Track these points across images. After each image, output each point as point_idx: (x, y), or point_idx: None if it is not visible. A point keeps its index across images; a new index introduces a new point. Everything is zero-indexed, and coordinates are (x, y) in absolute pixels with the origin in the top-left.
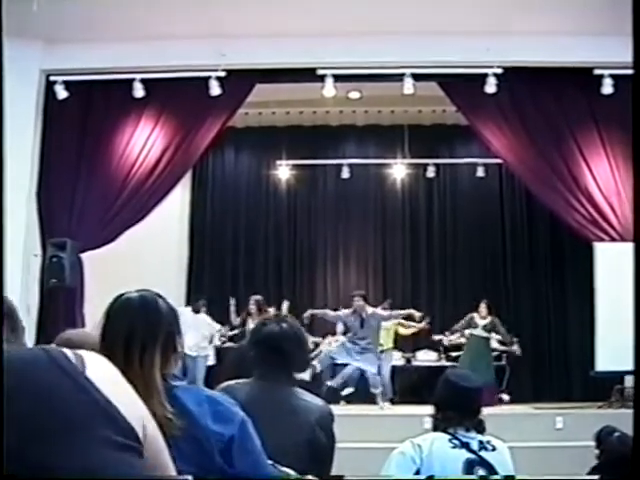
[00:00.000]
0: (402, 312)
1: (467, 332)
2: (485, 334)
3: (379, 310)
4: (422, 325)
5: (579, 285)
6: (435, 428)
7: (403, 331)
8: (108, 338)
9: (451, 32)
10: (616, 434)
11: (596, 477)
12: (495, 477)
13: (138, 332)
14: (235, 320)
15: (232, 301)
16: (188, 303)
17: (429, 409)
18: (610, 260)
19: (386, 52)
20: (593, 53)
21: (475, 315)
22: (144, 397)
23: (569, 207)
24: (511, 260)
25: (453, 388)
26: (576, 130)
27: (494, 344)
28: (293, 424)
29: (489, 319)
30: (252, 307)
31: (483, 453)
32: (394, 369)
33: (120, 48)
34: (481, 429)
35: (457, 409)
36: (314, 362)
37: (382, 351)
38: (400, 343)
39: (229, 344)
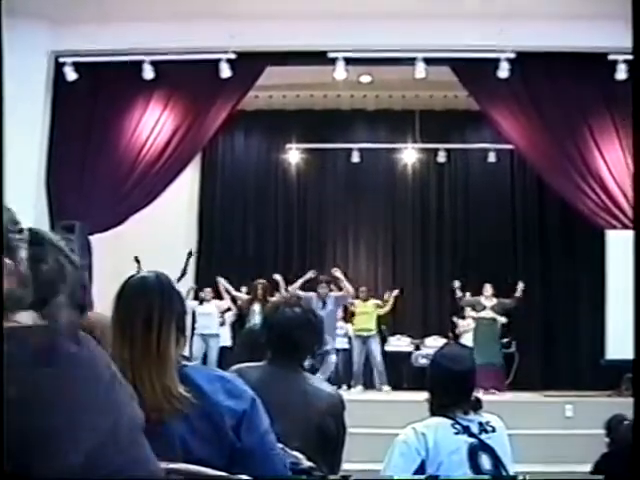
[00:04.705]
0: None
1: (475, 314)
2: (492, 315)
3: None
4: (391, 297)
5: (590, 272)
6: (433, 412)
7: (382, 311)
8: (125, 317)
9: (464, 16)
10: (626, 422)
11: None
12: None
13: (156, 311)
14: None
15: (222, 280)
16: (197, 284)
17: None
18: (622, 247)
19: (398, 35)
20: (607, 38)
21: (481, 298)
22: (159, 375)
23: (581, 193)
24: (522, 246)
25: (447, 373)
26: (589, 116)
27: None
28: (302, 409)
29: (495, 301)
30: (259, 292)
31: (484, 436)
32: (403, 355)
33: (130, 29)
34: (478, 407)
35: (454, 395)
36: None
37: (368, 336)
38: (409, 329)
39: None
